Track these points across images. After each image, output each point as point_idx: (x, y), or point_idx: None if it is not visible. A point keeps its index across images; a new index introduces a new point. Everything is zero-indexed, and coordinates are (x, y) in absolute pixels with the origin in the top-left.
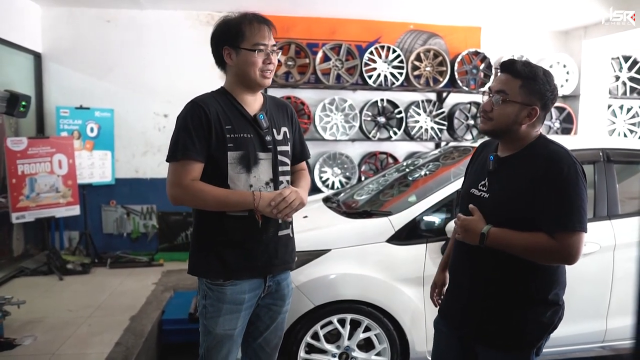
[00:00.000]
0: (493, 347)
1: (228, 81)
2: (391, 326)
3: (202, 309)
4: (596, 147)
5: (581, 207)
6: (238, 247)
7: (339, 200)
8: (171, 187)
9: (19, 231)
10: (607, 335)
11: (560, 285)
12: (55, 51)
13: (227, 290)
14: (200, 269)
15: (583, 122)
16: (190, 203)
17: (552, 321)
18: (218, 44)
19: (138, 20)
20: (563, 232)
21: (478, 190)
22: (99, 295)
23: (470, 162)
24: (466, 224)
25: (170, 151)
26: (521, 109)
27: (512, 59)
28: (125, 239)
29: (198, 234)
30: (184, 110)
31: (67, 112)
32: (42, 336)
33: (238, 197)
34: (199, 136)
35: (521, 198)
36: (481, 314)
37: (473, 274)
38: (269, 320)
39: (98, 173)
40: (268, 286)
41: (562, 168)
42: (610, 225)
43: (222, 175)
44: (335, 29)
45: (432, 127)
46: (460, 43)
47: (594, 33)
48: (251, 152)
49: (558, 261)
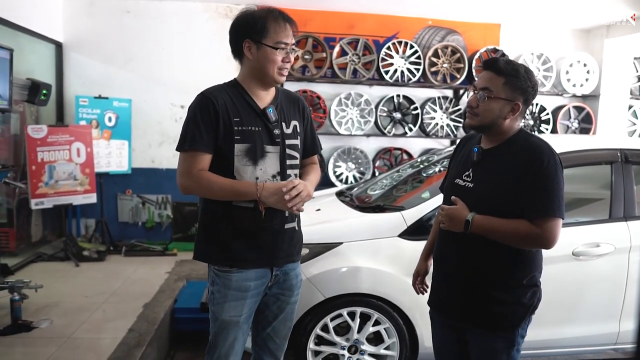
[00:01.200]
0: (479, 329)
1: (242, 74)
2: (401, 321)
3: (210, 295)
4: (614, 148)
5: (559, 195)
6: (243, 236)
7: (352, 195)
8: (180, 176)
9: (38, 217)
10: (620, 338)
11: (537, 269)
12: (76, 41)
13: (232, 277)
14: (204, 254)
15: (602, 123)
16: (198, 192)
17: (532, 302)
18: (239, 35)
19: (157, 11)
20: (543, 218)
21: (462, 180)
22: (113, 282)
23: (454, 155)
24: (451, 212)
25: (180, 142)
26: (505, 104)
27: (494, 57)
28: (140, 228)
29: (204, 222)
30: (194, 102)
31: (86, 101)
32: (58, 320)
33: (243, 187)
34: (207, 128)
35: (504, 187)
36: (467, 299)
37: (458, 262)
38: (277, 309)
39: (115, 162)
40: (275, 276)
41: (543, 159)
42: (626, 227)
43: (228, 166)
44: (353, 23)
45: (447, 124)
46: (479, 40)
47: (616, 32)
48: (258, 145)
49: (537, 245)
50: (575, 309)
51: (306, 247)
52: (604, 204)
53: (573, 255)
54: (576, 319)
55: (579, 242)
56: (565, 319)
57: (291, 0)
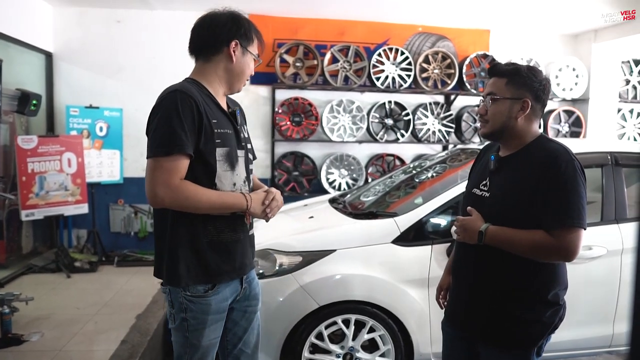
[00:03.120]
0: (494, 346)
1: (207, 72)
2: (396, 327)
3: (180, 322)
4: (604, 151)
5: (579, 203)
6: (221, 247)
7: (345, 201)
8: (158, 186)
9: (28, 229)
10: (614, 340)
11: (560, 286)
12: (66, 51)
13: (211, 301)
14: (177, 277)
15: (592, 126)
16: (178, 206)
17: (552, 321)
18: (228, 32)
19: (148, 21)
20: (561, 229)
21: (479, 190)
22: (105, 293)
23: (474, 165)
24: (465, 223)
25: (156, 144)
26: (512, 103)
27: (495, 62)
28: (132, 237)
29: (174, 238)
30: (172, 98)
31: (76, 111)
32: (49, 333)
33: (232, 199)
34: (191, 130)
35: (520, 196)
36: (483, 314)
37: (475, 275)
38: (246, 322)
39: (106, 172)
40: (244, 288)
41: (560, 165)
42: (617, 229)
43: (210, 172)
44: (344, 30)
45: (439, 130)
46: (468, 45)
47: (604, 36)
48: (233, 149)
49: (556, 258)
50: (569, 311)
51: (299, 254)
52: (595, 206)
53: None
54: (570, 322)
55: None
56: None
57: (282, 8)
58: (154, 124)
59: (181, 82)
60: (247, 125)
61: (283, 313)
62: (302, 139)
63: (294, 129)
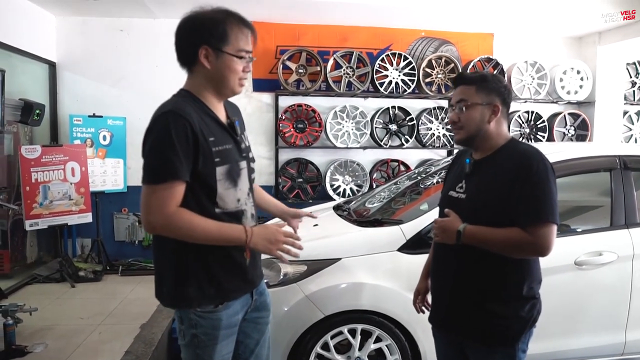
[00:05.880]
0: (479, 345)
1: (195, 84)
2: (403, 337)
3: (191, 338)
4: (612, 154)
5: (551, 200)
6: (232, 262)
7: (349, 209)
8: (153, 214)
9: (33, 238)
10: (627, 348)
11: (535, 280)
12: (69, 60)
13: (222, 316)
14: (186, 299)
15: (599, 129)
16: (173, 234)
17: (531, 315)
18: (194, 40)
19: (150, 29)
20: (535, 225)
21: (456, 192)
22: (110, 302)
23: (449, 168)
24: (443, 224)
25: (150, 171)
26: (484, 108)
27: (459, 73)
28: (136, 246)
29: (181, 257)
30: (163, 122)
31: (80, 120)
32: (53, 344)
33: (229, 232)
34: (186, 154)
35: (495, 196)
36: (464, 313)
37: (453, 275)
38: (258, 334)
39: (110, 181)
40: (255, 300)
41: (532, 164)
42: (628, 234)
43: (210, 194)
44: (347, 36)
45: (444, 134)
46: (472, 50)
47: (608, 39)
48: (234, 164)
49: (532, 254)
50: (579, 319)
51: (304, 263)
52: (604, 211)
53: (576, 265)
54: (581, 330)
55: (581, 251)
56: (570, 330)
57: (284, 15)
58: (147, 148)
59: (175, 99)
60: (250, 133)
61: (288, 323)
62: (306, 145)
63: (298, 136)
